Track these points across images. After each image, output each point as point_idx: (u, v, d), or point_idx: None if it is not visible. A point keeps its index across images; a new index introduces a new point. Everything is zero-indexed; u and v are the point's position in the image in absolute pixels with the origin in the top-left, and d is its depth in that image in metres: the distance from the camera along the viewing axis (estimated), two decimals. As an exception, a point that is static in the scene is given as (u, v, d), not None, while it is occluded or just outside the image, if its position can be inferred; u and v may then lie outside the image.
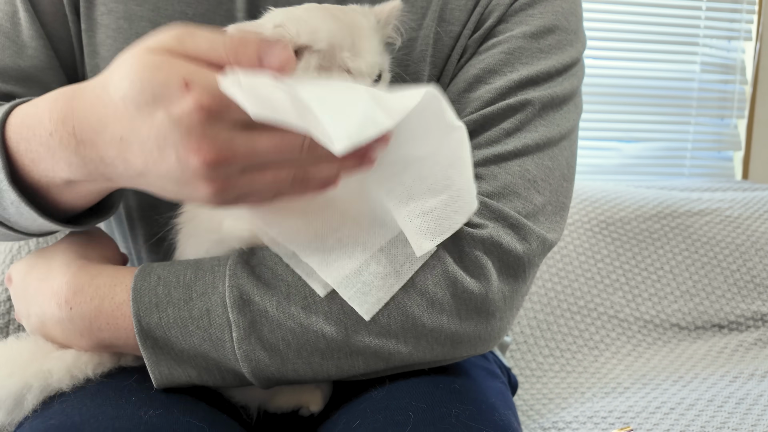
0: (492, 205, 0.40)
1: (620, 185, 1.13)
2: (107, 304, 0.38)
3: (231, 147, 0.29)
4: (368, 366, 0.39)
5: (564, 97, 0.45)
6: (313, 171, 0.32)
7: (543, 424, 0.67)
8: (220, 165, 0.30)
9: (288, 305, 0.37)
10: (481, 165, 0.41)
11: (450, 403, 0.37)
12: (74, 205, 0.39)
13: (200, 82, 0.29)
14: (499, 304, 0.39)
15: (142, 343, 0.37)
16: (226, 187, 0.31)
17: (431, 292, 0.38)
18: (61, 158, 0.34)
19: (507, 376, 0.58)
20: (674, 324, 0.90)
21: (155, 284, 0.38)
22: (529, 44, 0.44)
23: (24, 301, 0.41)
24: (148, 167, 0.31)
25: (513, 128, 0.42)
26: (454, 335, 0.39)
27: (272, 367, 0.37)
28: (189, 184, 0.31)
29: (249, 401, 0.44)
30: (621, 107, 1.35)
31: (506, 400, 0.45)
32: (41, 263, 0.42)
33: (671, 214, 1.00)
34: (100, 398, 0.37)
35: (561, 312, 0.90)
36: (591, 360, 0.85)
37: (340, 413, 0.40)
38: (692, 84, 1.38)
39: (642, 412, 0.65)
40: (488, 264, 0.39)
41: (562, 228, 0.44)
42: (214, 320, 0.37)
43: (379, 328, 0.37)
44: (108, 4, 0.46)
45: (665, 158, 1.40)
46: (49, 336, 0.41)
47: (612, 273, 0.94)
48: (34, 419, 0.37)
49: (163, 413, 0.36)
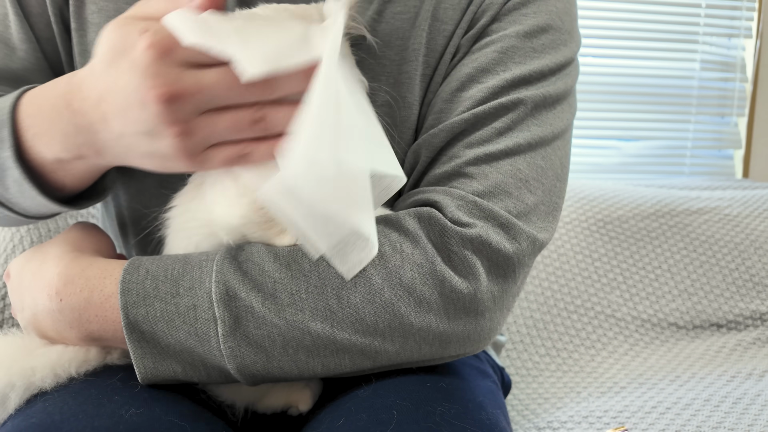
0: (482, 204, 0.40)
1: (618, 183, 1.12)
2: (96, 296, 0.38)
3: (180, 81, 0.32)
4: (354, 364, 0.38)
5: (557, 97, 0.44)
6: (272, 114, 0.34)
7: (538, 423, 0.67)
8: (173, 100, 0.32)
9: (274, 302, 0.36)
10: (472, 164, 0.41)
11: (435, 401, 0.37)
12: (70, 185, 0.42)
13: (153, 28, 0.32)
14: (488, 304, 0.39)
15: (128, 337, 0.37)
16: (189, 130, 0.33)
17: (419, 291, 0.37)
18: (59, 130, 0.37)
19: (500, 375, 0.58)
20: (672, 323, 0.89)
21: (143, 278, 0.38)
22: (522, 43, 0.43)
23: (18, 294, 0.42)
24: (123, 122, 0.34)
25: (505, 127, 0.42)
26: (442, 335, 0.38)
27: (257, 363, 0.37)
28: (156, 134, 0.33)
29: (237, 400, 0.43)
30: (620, 105, 1.35)
31: (496, 399, 0.45)
32: (37, 256, 0.42)
33: (669, 213, 1.00)
34: (82, 397, 0.37)
35: (557, 311, 0.90)
36: (587, 359, 0.84)
37: (325, 412, 0.39)
38: (692, 82, 1.37)
39: (638, 411, 0.65)
40: (477, 263, 0.38)
41: (554, 228, 0.44)
42: (200, 315, 0.36)
43: (366, 327, 0.37)
44: (98, 3, 0.46)
45: (665, 157, 1.40)
46: (40, 328, 0.40)
47: (609, 272, 0.93)
48: (16, 417, 0.37)
49: (145, 412, 0.35)
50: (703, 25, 1.35)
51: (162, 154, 0.34)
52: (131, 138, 0.34)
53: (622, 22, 1.32)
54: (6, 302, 0.77)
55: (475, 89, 0.43)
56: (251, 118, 0.34)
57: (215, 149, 0.35)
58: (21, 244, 0.80)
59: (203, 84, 0.32)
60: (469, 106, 0.43)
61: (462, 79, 0.44)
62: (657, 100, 1.36)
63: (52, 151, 0.38)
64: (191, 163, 0.35)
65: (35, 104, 0.39)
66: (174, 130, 0.33)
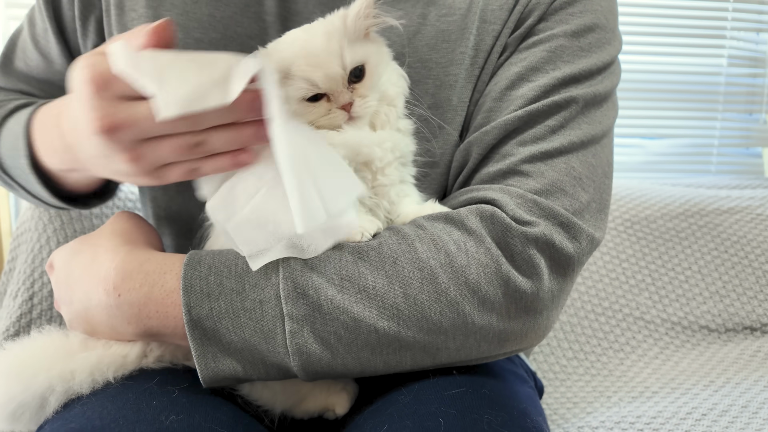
0: (541, 202, 0.40)
1: (644, 183, 1.10)
2: (157, 291, 0.38)
3: (116, 114, 0.34)
4: (415, 361, 0.38)
5: (605, 95, 0.45)
6: (210, 138, 0.36)
7: (568, 429, 0.65)
8: (112, 132, 0.34)
9: (342, 299, 0.36)
10: (527, 162, 0.41)
11: (481, 408, 0.36)
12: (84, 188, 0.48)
13: (94, 64, 0.34)
14: (548, 303, 0.39)
15: (190, 334, 0.37)
16: (137, 156, 0.35)
17: (483, 291, 0.38)
18: (53, 146, 0.42)
19: (533, 380, 0.57)
20: (703, 326, 0.87)
21: (206, 273, 0.37)
22: (570, 42, 0.44)
23: (66, 288, 0.41)
24: (85, 147, 0.37)
25: (558, 125, 0.42)
26: (501, 333, 0.39)
27: (322, 360, 0.37)
28: (109, 157, 0.35)
29: (274, 405, 0.43)
30: (644, 103, 1.32)
31: (537, 405, 0.44)
32: (86, 249, 0.42)
33: (699, 213, 0.97)
34: (120, 401, 0.36)
35: (585, 313, 0.88)
36: (616, 363, 0.82)
37: (365, 418, 0.39)
38: (719, 78, 1.34)
39: (672, 417, 0.63)
40: (541, 263, 0.39)
41: (605, 226, 0.44)
42: (267, 312, 0.36)
43: (431, 325, 0.37)
44: (138, 10, 0.47)
45: (691, 155, 1.37)
46: (91, 323, 0.40)
47: (637, 273, 0.91)
48: (54, 421, 0.37)
49: (185, 418, 0.35)
50: (731, 19, 1.32)
51: (125, 172, 0.36)
52: (97, 160, 0.37)
53: (647, 18, 1.30)
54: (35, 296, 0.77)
55: (525, 87, 0.43)
56: (190, 143, 0.35)
57: (169, 167, 0.36)
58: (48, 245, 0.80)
59: (137, 117, 0.34)
60: (521, 104, 0.43)
61: (512, 78, 0.44)
62: (682, 97, 1.33)
63: (52, 163, 0.43)
64: (151, 179, 0.37)
65: (41, 120, 0.44)
66: (123, 156, 0.35)
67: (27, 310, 0.76)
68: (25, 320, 0.76)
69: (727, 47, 1.33)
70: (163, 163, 0.36)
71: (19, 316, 0.76)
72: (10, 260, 0.83)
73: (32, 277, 0.78)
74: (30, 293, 0.78)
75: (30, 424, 0.39)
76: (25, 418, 0.39)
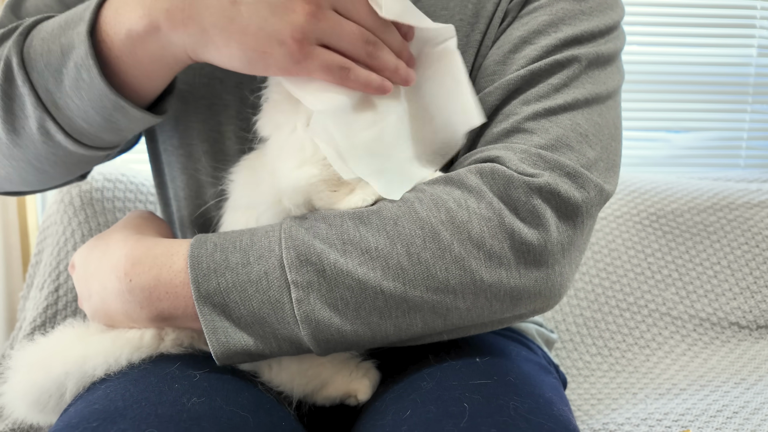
0: (546, 155, 0.39)
1: (670, 176, 1.07)
2: (165, 272, 0.38)
3: None
4: (426, 324, 0.38)
5: (608, 57, 0.45)
6: (382, 47, 0.37)
7: (593, 425, 0.64)
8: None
9: (345, 262, 0.36)
10: (531, 119, 0.41)
11: (506, 395, 0.36)
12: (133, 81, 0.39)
13: None
14: (558, 255, 0.38)
15: (200, 310, 0.37)
16: (319, 15, 0.35)
17: (488, 245, 0.37)
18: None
19: (556, 371, 0.56)
20: (733, 323, 0.84)
21: (212, 250, 0.38)
22: (572, 6, 0.44)
23: (85, 282, 0.42)
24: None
25: (561, 83, 0.42)
26: (513, 290, 0.38)
27: (331, 327, 0.37)
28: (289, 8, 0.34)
29: (292, 389, 0.42)
30: (671, 95, 1.29)
31: (562, 395, 0.43)
32: (100, 244, 0.42)
33: (728, 206, 0.94)
34: (143, 384, 0.37)
35: (609, 309, 0.86)
36: (642, 359, 0.80)
37: (387, 404, 0.38)
38: (748, 69, 1.30)
39: (701, 415, 0.61)
40: (546, 212, 0.38)
41: (616, 182, 0.43)
42: (273, 282, 0.36)
43: (437, 283, 0.37)
44: None
45: (719, 149, 1.33)
46: (109, 313, 0.41)
47: (664, 268, 0.89)
48: (78, 403, 0.37)
49: (206, 401, 0.35)
50: (761, 8, 1.28)
51: (276, 33, 0.35)
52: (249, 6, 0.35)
53: (673, 8, 1.26)
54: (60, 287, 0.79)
55: (528, 49, 0.43)
56: (367, 38, 0.37)
57: (324, 53, 0.36)
58: (72, 237, 0.82)
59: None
60: (523, 64, 0.43)
61: (514, 42, 0.44)
62: (710, 89, 1.29)
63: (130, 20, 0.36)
64: (297, 51, 0.35)
65: None
66: (307, 8, 0.35)
67: (53, 302, 0.78)
68: (51, 311, 0.77)
69: (757, 37, 1.29)
70: (329, 42, 0.36)
71: (46, 307, 0.77)
72: (36, 253, 0.85)
73: (58, 269, 0.80)
74: (56, 285, 0.79)
75: (56, 411, 0.39)
76: (51, 406, 0.39)
